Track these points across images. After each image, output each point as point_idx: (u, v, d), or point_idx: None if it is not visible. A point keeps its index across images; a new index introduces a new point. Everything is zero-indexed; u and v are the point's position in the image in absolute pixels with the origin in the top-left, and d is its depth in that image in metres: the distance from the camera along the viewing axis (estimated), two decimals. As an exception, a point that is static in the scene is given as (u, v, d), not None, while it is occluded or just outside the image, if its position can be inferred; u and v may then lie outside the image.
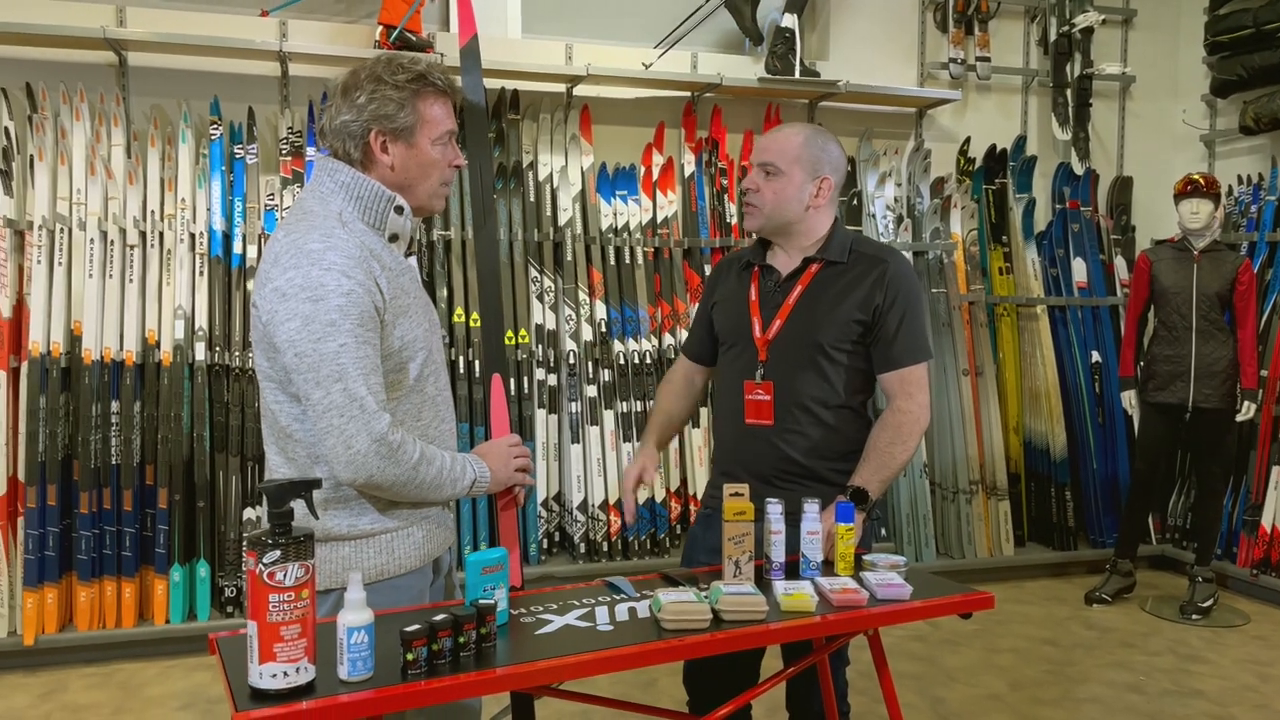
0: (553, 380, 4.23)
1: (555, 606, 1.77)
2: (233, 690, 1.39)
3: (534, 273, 4.27)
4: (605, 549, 4.20)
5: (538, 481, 4.18)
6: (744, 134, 4.71)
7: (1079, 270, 5.10)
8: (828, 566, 1.99)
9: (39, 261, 3.70)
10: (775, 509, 1.94)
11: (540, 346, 4.22)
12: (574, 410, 4.23)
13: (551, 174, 4.37)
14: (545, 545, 4.21)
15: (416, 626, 1.46)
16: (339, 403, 1.61)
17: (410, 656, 1.44)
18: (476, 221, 3.16)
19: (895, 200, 4.90)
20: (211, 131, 3.98)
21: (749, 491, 2.02)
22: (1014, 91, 5.27)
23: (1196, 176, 4.22)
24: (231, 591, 3.82)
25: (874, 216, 4.79)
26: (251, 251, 3.94)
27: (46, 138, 3.79)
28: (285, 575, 1.36)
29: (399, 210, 1.77)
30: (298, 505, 1.51)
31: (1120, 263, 5.22)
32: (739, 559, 1.87)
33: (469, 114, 2.20)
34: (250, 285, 3.85)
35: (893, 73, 5.01)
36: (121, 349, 3.75)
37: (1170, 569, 4.93)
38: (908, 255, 4.69)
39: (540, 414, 4.20)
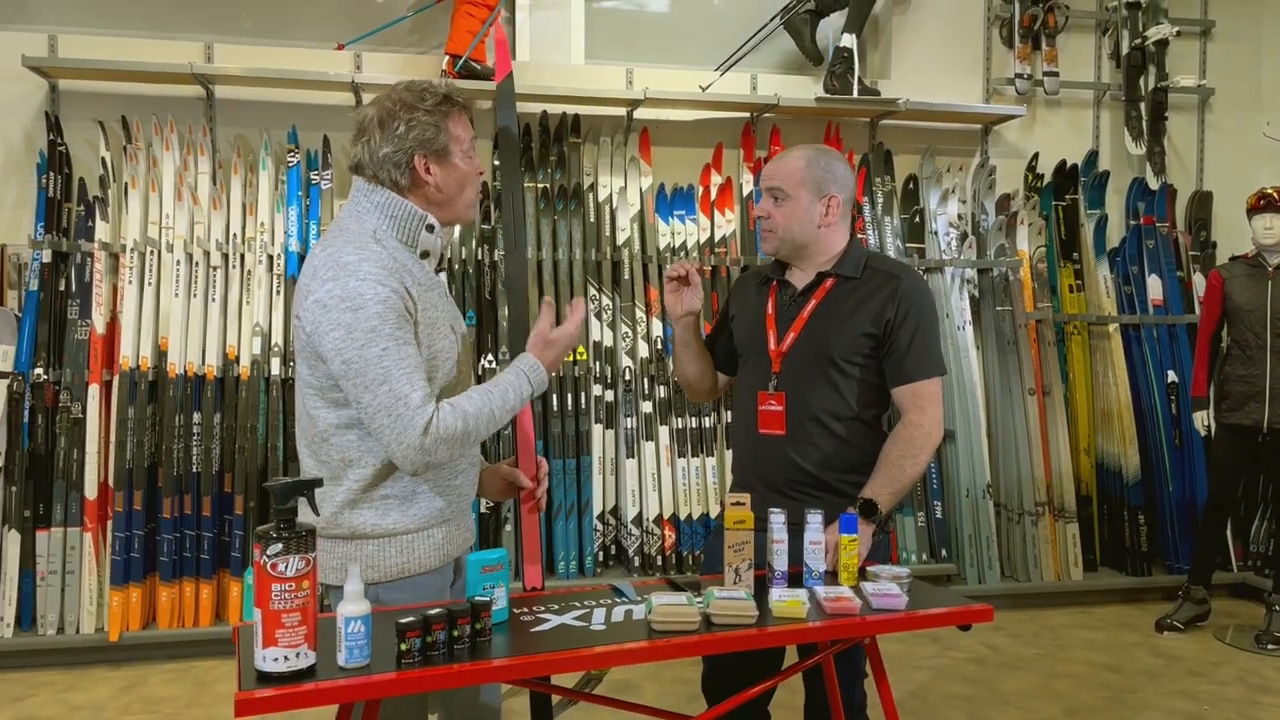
0: (609, 396, 4.33)
1: (556, 607, 1.85)
2: (241, 672, 1.51)
3: (592, 291, 4.38)
4: (659, 563, 4.27)
5: (594, 495, 4.27)
6: (803, 153, 4.74)
7: (1154, 288, 4.98)
8: (832, 577, 2.02)
9: (130, 282, 3.97)
10: (778, 518, 1.98)
11: (598, 363, 4.33)
12: (629, 426, 4.32)
13: (611, 195, 4.49)
14: (601, 558, 4.29)
15: (411, 619, 1.56)
16: (386, 403, 1.72)
17: (404, 647, 1.54)
18: (507, 245, 3.26)
19: (959, 217, 4.86)
20: (289, 159, 4.21)
21: (760, 501, 2.08)
22: (1084, 106, 5.18)
23: (1270, 190, 4.09)
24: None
25: (936, 234, 4.77)
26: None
27: (139, 166, 4.07)
28: (287, 566, 1.48)
29: (430, 229, 1.89)
30: (328, 503, 1.65)
31: (1199, 280, 5.07)
32: (739, 566, 1.93)
33: (502, 144, 2.32)
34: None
35: (957, 90, 4.98)
36: (203, 363, 3.99)
37: (1251, 598, 4.74)
38: (971, 273, 4.72)
39: (597, 429, 4.30)
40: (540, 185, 4.44)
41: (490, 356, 4.22)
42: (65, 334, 3.97)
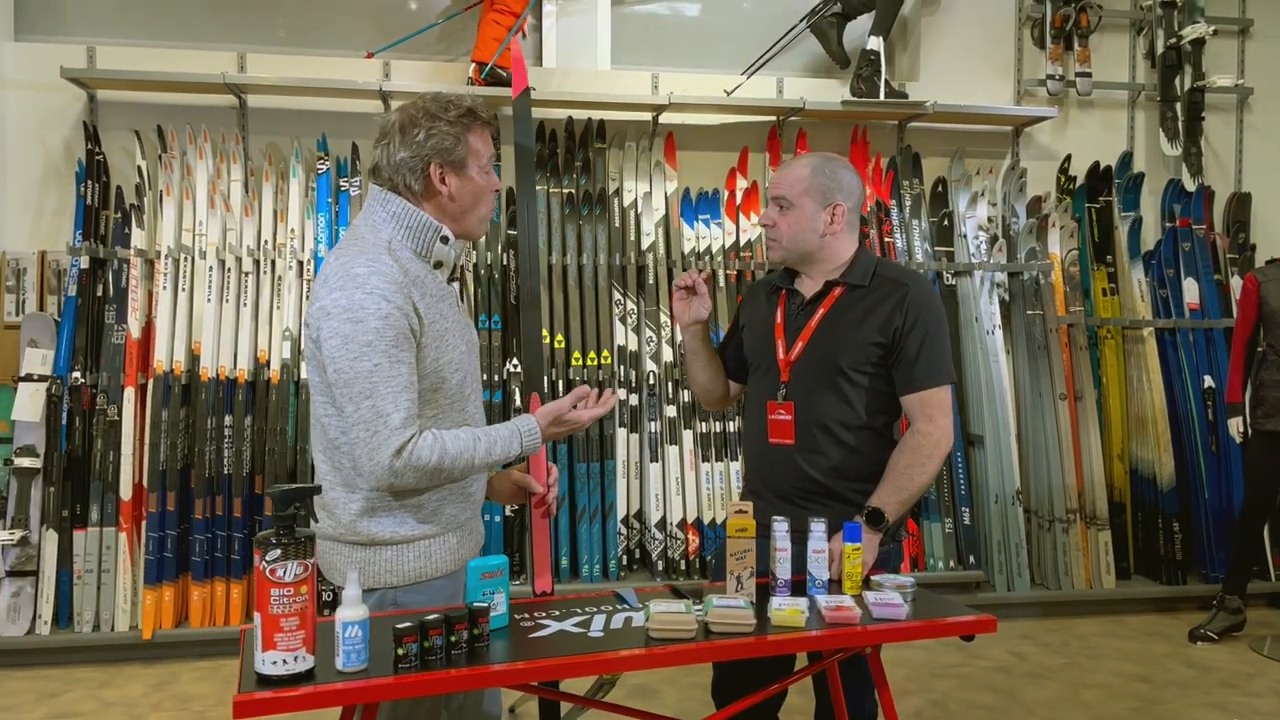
0: (634, 400, 4.35)
1: (558, 613, 1.87)
2: (243, 674, 1.55)
3: (617, 295, 4.40)
4: (683, 567, 4.27)
5: (618, 499, 4.29)
6: (830, 157, 4.72)
7: (1190, 291, 4.89)
8: (836, 586, 2.02)
9: (165, 287, 4.06)
10: (781, 527, 1.98)
11: (622, 367, 4.35)
12: (654, 430, 4.33)
13: (636, 200, 4.50)
14: (625, 562, 4.31)
15: (408, 624, 1.58)
16: (367, 418, 1.75)
17: (400, 651, 1.57)
18: (521, 264, 3.26)
19: (989, 220, 4.81)
20: (319, 166, 4.28)
21: (769, 510, 2.08)
22: (1118, 107, 5.10)
23: (1308, 192, 4.00)
24: (328, 595, 4.06)
25: (965, 237, 4.73)
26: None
27: (174, 175, 4.16)
28: (285, 572, 1.51)
29: (444, 240, 1.92)
30: (345, 511, 1.73)
31: (1236, 283, 4.96)
32: (740, 574, 1.93)
33: (518, 158, 2.34)
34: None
35: (987, 91, 4.94)
36: (235, 367, 4.07)
37: (1291, 608, 4.65)
38: (1001, 276, 4.67)
39: (621, 433, 4.32)
40: (565, 191, 4.47)
41: (515, 360, 4.26)
42: (102, 338, 4.06)
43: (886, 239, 4.66)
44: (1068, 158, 4.98)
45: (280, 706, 1.48)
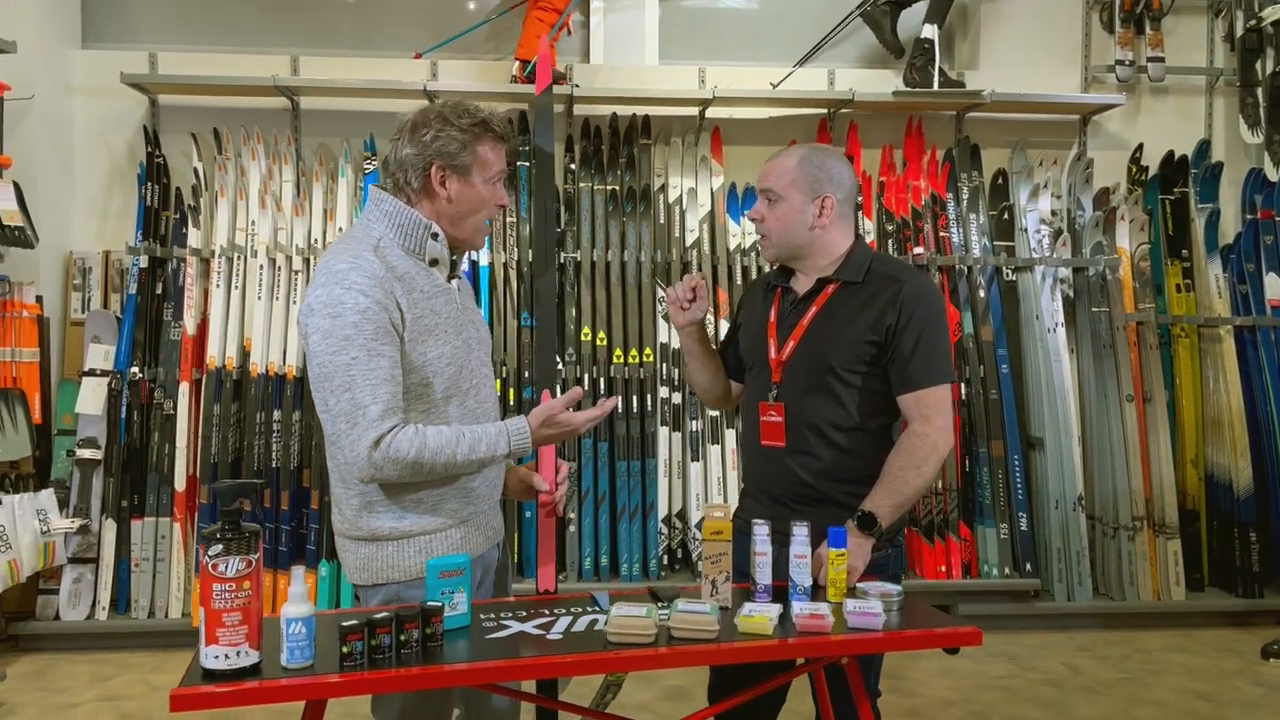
0: (676, 398, 4.30)
1: (524, 614, 1.84)
2: (190, 669, 1.56)
3: (660, 293, 4.36)
4: (724, 568, 4.20)
5: (660, 498, 4.25)
6: (882, 149, 4.59)
7: (1272, 287, 4.59)
8: (821, 592, 1.94)
9: (218, 286, 4.18)
10: (761, 530, 1.92)
11: (664, 365, 4.30)
12: (695, 428, 4.28)
13: (681, 196, 4.45)
14: (665, 561, 4.26)
15: (353, 622, 1.58)
16: (345, 410, 1.77)
17: (345, 649, 1.56)
18: (537, 266, 3.25)
19: (1053, 214, 4.61)
20: (366, 166, 4.35)
21: (764, 514, 2.03)
22: (1194, 93, 4.83)
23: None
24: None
25: (1026, 231, 4.54)
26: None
27: (229, 176, 4.28)
28: (227, 567, 1.52)
29: (435, 236, 1.93)
30: (347, 506, 1.78)
31: (1325, 278, 4.65)
32: (715, 578, 1.88)
33: (538, 160, 2.32)
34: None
35: (1053, 79, 4.73)
36: (284, 364, 4.16)
37: (1381, 626, 4.33)
38: (1065, 272, 4.47)
39: (663, 431, 4.27)
40: (609, 187, 4.44)
41: (557, 358, 4.25)
42: (160, 335, 4.21)
43: (942, 233, 4.50)
44: (1139, 147, 4.74)
45: (218, 701, 1.49)
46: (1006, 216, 4.60)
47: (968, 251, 4.49)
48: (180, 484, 4.08)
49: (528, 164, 4.39)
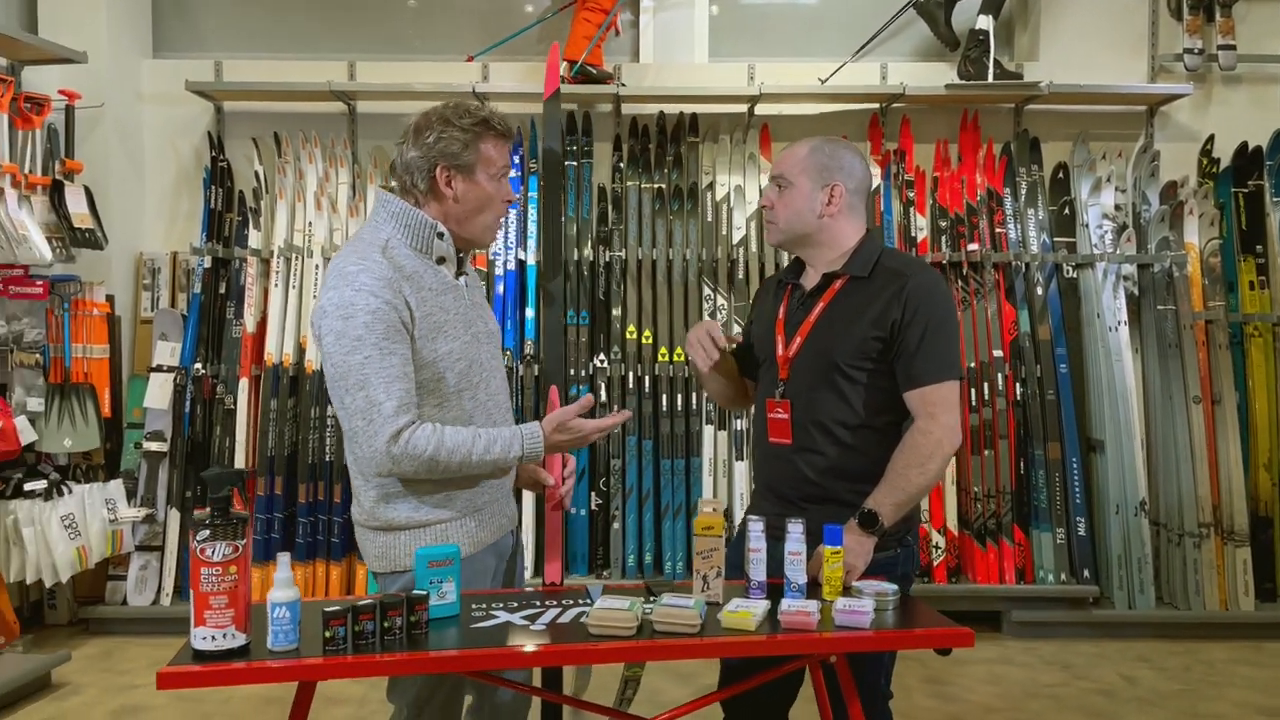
0: (721, 397, 4.28)
1: (515, 605, 1.86)
2: (182, 650, 1.63)
3: (707, 291, 4.35)
4: (768, 568, 4.17)
5: (704, 496, 4.23)
6: (935, 144, 4.50)
7: (1355, 283, 4.36)
8: (816, 590, 1.92)
9: (276, 285, 4.31)
10: (756, 526, 1.91)
11: (710, 363, 4.29)
12: (740, 427, 4.26)
13: (728, 193, 4.44)
14: (709, 560, 4.25)
15: (337, 608, 1.62)
16: (361, 408, 1.83)
17: (328, 634, 1.61)
18: (548, 266, 3.26)
19: (1117, 209, 4.45)
20: (419, 167, 4.43)
21: (772, 513, 2.02)
22: (1269, 82, 4.61)
23: None
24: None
25: (1087, 226, 4.39)
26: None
27: (287, 179, 4.41)
28: (214, 552, 1.58)
29: (440, 235, 1.97)
30: (365, 498, 1.87)
31: None
32: (707, 574, 1.87)
33: (545, 167, 2.35)
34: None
35: (1118, 69, 4.57)
36: (338, 361, 4.27)
37: None
38: (1129, 269, 4.33)
39: (708, 430, 4.27)
40: (656, 186, 4.45)
41: (602, 356, 4.28)
42: (223, 333, 4.36)
43: (998, 229, 4.39)
44: (1210, 138, 4.55)
45: (202, 680, 1.55)
46: (1067, 211, 4.46)
47: (1025, 247, 4.37)
48: (239, 476, 4.22)
49: (575, 163, 4.44)
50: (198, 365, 4.30)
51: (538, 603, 1.88)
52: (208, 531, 1.57)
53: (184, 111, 4.58)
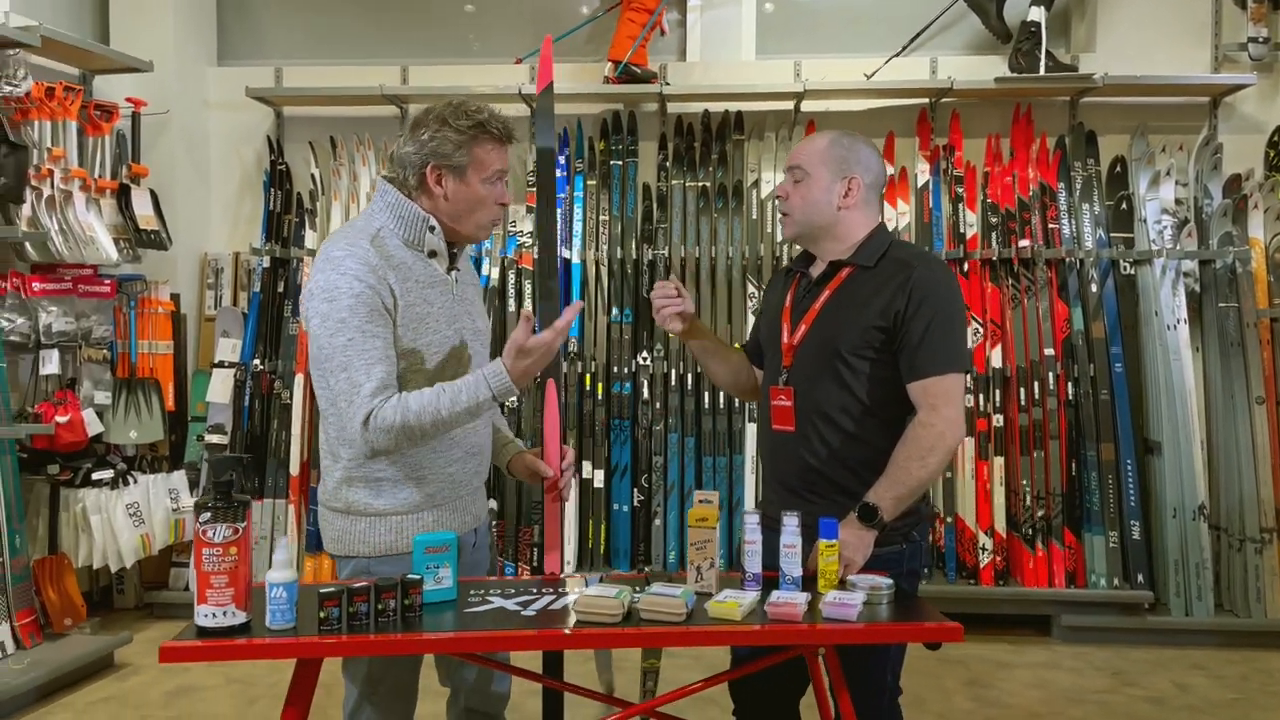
0: (764, 395, 4.28)
1: (512, 592, 1.91)
2: (187, 628, 1.71)
3: (750, 289, 4.35)
4: (810, 566, 4.15)
5: (746, 494, 4.24)
6: (986, 139, 4.42)
7: None
8: (812, 583, 1.92)
9: (331, 283, 4.44)
10: (751, 519, 1.92)
11: (752, 361, 4.29)
12: (782, 425, 4.24)
13: (774, 191, 4.43)
14: (751, 557, 4.24)
15: (331, 589, 1.68)
16: (344, 389, 1.89)
17: (322, 615, 1.67)
18: (541, 270, 3.25)
19: (1177, 203, 4.32)
20: (468, 168, 4.52)
21: (777, 502, 2.03)
22: (1342, 70, 4.42)
23: None
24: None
25: (1145, 221, 4.27)
26: (495, 273, 4.44)
27: (341, 181, 4.55)
28: (215, 533, 1.65)
29: (432, 229, 2.02)
30: (330, 478, 1.91)
31: None
32: (700, 565, 1.89)
33: (540, 167, 2.39)
34: (494, 303, 4.36)
35: (1179, 60, 4.43)
36: (389, 357, 4.39)
37: None
38: (1190, 264, 4.20)
39: (750, 427, 4.26)
40: (701, 184, 4.47)
41: (645, 354, 4.31)
42: (280, 330, 4.51)
43: (1051, 225, 4.29)
44: (1277, 130, 4.37)
45: (201, 655, 1.63)
46: (1124, 206, 4.34)
47: (1080, 244, 4.27)
48: (295, 469, 4.36)
49: (620, 162, 4.48)
50: (256, 361, 4.46)
51: (534, 590, 1.92)
52: (209, 514, 1.65)
53: (247, 117, 4.75)
